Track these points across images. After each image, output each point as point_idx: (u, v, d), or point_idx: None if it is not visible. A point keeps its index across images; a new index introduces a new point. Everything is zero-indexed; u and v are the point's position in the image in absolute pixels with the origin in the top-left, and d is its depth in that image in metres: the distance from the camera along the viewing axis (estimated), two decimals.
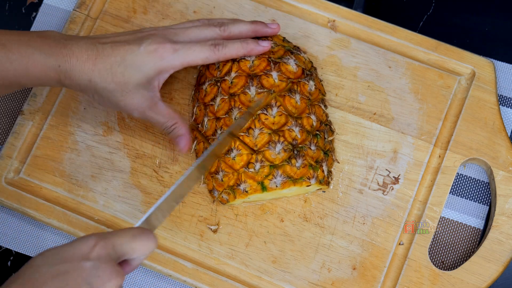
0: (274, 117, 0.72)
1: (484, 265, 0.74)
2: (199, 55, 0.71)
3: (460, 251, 0.77)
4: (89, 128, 0.80)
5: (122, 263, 0.58)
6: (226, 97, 0.73)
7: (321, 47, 0.81)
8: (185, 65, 0.71)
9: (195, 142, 0.76)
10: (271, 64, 0.74)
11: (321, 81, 0.79)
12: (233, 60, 0.74)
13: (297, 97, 0.73)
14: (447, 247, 0.78)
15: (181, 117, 0.72)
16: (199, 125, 0.76)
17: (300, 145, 0.72)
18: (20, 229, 0.79)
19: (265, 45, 0.73)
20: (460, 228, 0.78)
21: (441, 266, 0.77)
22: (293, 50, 0.77)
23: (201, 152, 0.75)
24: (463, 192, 0.79)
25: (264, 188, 0.71)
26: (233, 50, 0.72)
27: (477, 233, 0.78)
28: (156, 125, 0.72)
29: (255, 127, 0.72)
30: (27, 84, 0.69)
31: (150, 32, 0.71)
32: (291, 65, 0.74)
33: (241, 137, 0.72)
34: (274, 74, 0.73)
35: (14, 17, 0.87)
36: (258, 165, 0.71)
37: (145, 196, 0.77)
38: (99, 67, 0.68)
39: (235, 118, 0.72)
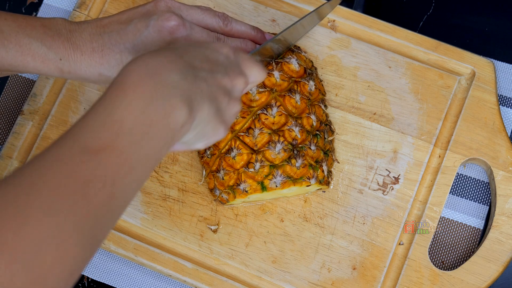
0: (274, 117, 0.72)
1: (484, 265, 0.74)
2: (202, 39, 0.68)
3: (460, 251, 0.77)
4: None
5: None
6: None
7: (321, 47, 0.81)
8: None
9: None
10: (273, 63, 0.74)
11: (321, 81, 0.79)
12: None
13: (297, 97, 0.73)
14: (447, 247, 0.78)
15: None
16: None
17: (300, 145, 0.72)
18: None
19: None
20: (460, 228, 0.78)
21: (441, 266, 0.77)
22: (294, 49, 0.77)
23: (204, 149, 0.75)
24: (463, 192, 0.79)
25: (264, 188, 0.71)
26: None
27: (477, 233, 0.78)
28: None
29: (255, 127, 0.72)
30: (25, 72, 0.66)
31: (154, 4, 0.67)
32: (293, 64, 0.74)
33: (241, 137, 0.72)
34: (276, 73, 0.73)
35: None
36: (258, 165, 0.71)
37: (145, 196, 0.78)
38: (108, 59, 0.65)
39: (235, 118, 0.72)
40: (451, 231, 0.78)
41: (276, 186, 0.71)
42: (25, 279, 0.39)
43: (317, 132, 0.74)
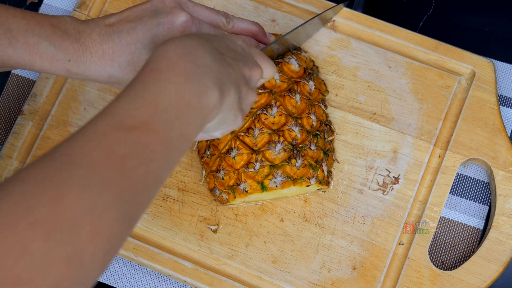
0: (274, 117, 0.72)
1: (484, 265, 0.74)
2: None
3: (460, 251, 0.77)
4: None
5: None
6: None
7: (321, 47, 0.81)
8: None
9: None
10: None
11: (322, 80, 0.79)
12: None
13: (297, 97, 0.73)
14: (447, 247, 0.78)
15: None
16: None
17: (300, 145, 0.72)
18: None
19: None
20: (460, 228, 0.78)
21: (441, 266, 0.77)
22: (293, 50, 0.77)
23: (204, 149, 0.75)
24: (463, 192, 0.79)
25: (264, 188, 0.71)
26: None
27: (477, 233, 0.78)
28: None
29: (255, 127, 0.72)
30: (30, 70, 0.65)
31: (161, 0, 0.66)
32: (293, 65, 0.74)
33: (241, 137, 0.72)
34: (276, 74, 0.73)
35: None
36: (258, 165, 0.71)
37: None
38: (119, 61, 0.64)
39: None
40: (451, 231, 0.78)
41: (276, 186, 0.71)
42: (61, 255, 0.39)
43: (317, 132, 0.74)
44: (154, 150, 0.46)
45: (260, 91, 0.72)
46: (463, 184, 0.79)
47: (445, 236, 0.78)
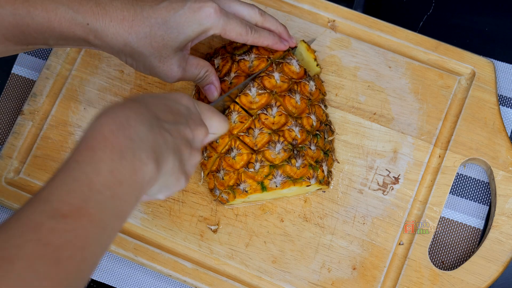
0: (274, 117, 0.72)
1: (484, 265, 0.74)
2: (236, 28, 0.67)
3: (460, 251, 0.77)
4: None
5: None
6: None
7: (321, 47, 0.81)
8: (222, 32, 0.67)
9: None
10: (274, 64, 0.74)
11: (322, 81, 0.79)
12: (233, 61, 0.74)
13: (297, 97, 0.73)
14: (447, 247, 0.78)
15: (208, 63, 0.71)
16: None
17: (300, 145, 0.72)
18: None
19: (286, 46, 0.73)
20: (460, 228, 0.78)
21: (441, 266, 0.77)
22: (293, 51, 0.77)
23: (201, 151, 0.75)
24: (463, 192, 0.79)
25: (264, 188, 0.71)
26: (263, 38, 0.70)
27: (477, 233, 0.78)
28: (189, 79, 0.70)
29: (255, 127, 0.72)
30: (50, 41, 0.64)
31: None
32: (294, 65, 0.74)
33: (241, 137, 0.72)
34: (276, 75, 0.73)
35: None
36: (258, 165, 0.71)
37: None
38: (137, 30, 0.63)
39: (234, 122, 0.72)
40: (451, 231, 0.78)
41: (276, 186, 0.71)
42: None
43: (317, 132, 0.74)
44: (89, 236, 0.46)
45: (260, 91, 0.72)
46: (463, 184, 0.79)
47: (445, 236, 0.78)
